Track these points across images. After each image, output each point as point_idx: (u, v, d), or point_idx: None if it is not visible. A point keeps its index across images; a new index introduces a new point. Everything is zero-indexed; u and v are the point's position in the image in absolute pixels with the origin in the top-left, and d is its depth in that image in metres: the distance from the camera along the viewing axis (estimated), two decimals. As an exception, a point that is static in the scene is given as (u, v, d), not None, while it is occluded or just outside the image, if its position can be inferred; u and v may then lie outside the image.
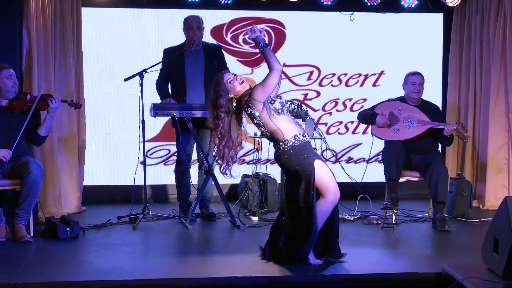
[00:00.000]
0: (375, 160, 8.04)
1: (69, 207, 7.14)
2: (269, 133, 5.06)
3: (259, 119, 5.00)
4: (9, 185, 5.94)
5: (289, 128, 5.01)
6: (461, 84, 7.95)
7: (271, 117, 4.98)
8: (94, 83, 7.65)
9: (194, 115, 6.47)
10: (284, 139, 5.00)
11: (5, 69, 6.00)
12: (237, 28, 7.98)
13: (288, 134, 5.00)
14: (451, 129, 6.51)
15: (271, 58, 4.94)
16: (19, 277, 4.62)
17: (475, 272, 4.41)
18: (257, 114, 4.97)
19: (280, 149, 5.03)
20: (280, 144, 5.03)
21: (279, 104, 5.02)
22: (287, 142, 4.99)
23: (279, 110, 5.01)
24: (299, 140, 5.00)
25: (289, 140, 4.99)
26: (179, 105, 6.56)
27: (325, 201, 5.00)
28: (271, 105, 4.99)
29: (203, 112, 6.47)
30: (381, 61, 8.23)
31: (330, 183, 5.02)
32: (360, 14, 8.06)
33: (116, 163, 7.78)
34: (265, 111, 4.96)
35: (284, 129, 5.00)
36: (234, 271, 4.79)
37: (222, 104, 5.00)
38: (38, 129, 6.13)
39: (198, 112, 6.48)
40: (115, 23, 7.78)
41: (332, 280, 4.71)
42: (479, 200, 7.71)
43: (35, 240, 5.82)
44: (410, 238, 6.10)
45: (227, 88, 5.01)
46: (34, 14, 6.90)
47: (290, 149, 4.99)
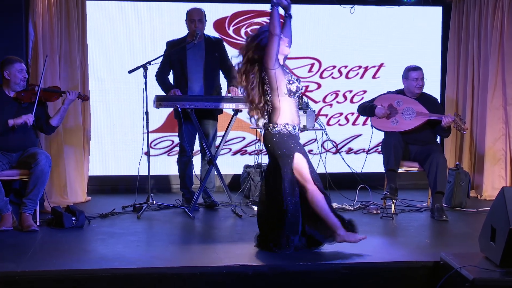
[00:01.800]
0: (374, 151, 8.12)
1: (75, 196, 7.21)
2: (271, 106, 5.08)
3: (269, 85, 5.04)
4: (17, 175, 6.03)
5: (286, 114, 5.05)
6: (459, 76, 8.00)
7: (280, 93, 5.02)
8: (99, 76, 7.71)
9: (197, 107, 6.53)
10: (275, 121, 5.04)
11: (17, 63, 6.08)
12: (239, 21, 8.04)
13: (282, 118, 5.03)
14: (449, 121, 6.58)
15: (273, 20, 4.95)
16: (25, 265, 4.66)
17: (473, 260, 4.43)
18: (266, 80, 5.03)
19: (267, 129, 5.09)
20: (270, 124, 5.08)
21: (295, 87, 5.07)
22: (276, 125, 5.04)
23: (291, 92, 5.05)
24: (287, 130, 5.04)
25: (278, 125, 5.03)
26: (182, 97, 6.62)
27: (309, 191, 5.06)
28: (289, 85, 5.03)
29: (206, 104, 6.55)
30: (381, 54, 8.29)
31: (306, 175, 5.06)
32: (360, 7, 8.10)
33: (121, 154, 7.84)
34: (274, 80, 5.01)
35: (282, 111, 5.04)
36: (236, 260, 4.84)
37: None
38: (50, 119, 6.23)
39: (201, 104, 6.54)
40: (119, 16, 7.83)
41: (331, 268, 4.74)
42: (477, 190, 7.78)
43: (41, 229, 5.87)
44: (409, 227, 6.16)
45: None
46: (40, 7, 6.97)
47: (276, 134, 5.04)
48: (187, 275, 4.62)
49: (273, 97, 5.04)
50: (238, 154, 8.21)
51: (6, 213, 5.85)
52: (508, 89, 7.56)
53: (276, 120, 5.04)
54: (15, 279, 4.44)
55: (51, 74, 7.01)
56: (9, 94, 6.12)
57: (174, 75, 6.92)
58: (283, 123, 5.04)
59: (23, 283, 4.44)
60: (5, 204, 5.85)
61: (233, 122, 6.81)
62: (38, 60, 6.96)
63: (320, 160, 7.08)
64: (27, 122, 5.94)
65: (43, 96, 6.18)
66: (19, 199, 6.01)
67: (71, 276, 4.55)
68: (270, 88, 5.04)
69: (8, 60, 6.09)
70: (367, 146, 7.62)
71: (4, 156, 6.01)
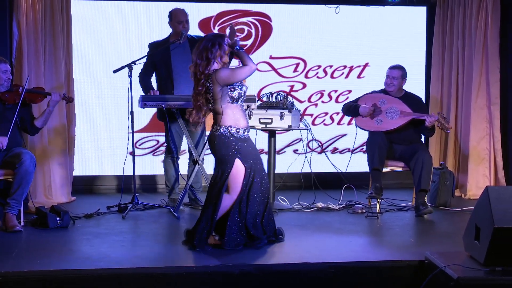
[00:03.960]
0: (359, 150, 8.14)
1: (59, 197, 7.18)
2: (214, 112, 5.28)
3: (212, 96, 5.22)
4: (1, 175, 6.00)
5: (231, 117, 5.23)
6: (443, 76, 8.04)
7: (222, 101, 5.20)
8: (84, 75, 7.67)
9: (182, 106, 6.51)
10: (219, 124, 5.23)
11: (1, 63, 6.05)
12: (225, 21, 8.03)
13: (226, 121, 5.22)
14: (433, 120, 6.62)
15: (247, 58, 5.22)
16: (9, 266, 4.64)
17: (457, 259, 4.46)
18: (211, 91, 5.20)
19: (213, 131, 5.27)
20: (215, 126, 5.26)
21: (237, 94, 5.23)
22: (220, 128, 5.22)
23: (235, 99, 5.23)
24: (231, 133, 5.21)
25: (222, 127, 5.22)
26: (167, 97, 6.61)
27: (230, 197, 5.23)
28: (230, 93, 5.20)
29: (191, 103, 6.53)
30: (366, 54, 8.31)
31: (238, 186, 5.21)
32: (345, 7, 8.13)
33: (106, 154, 7.82)
34: (220, 94, 5.18)
35: (226, 115, 5.23)
36: (222, 260, 4.86)
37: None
38: (35, 120, 6.20)
39: (186, 104, 6.53)
40: (104, 16, 7.80)
41: (317, 268, 4.75)
42: (461, 189, 7.83)
43: (25, 230, 5.85)
44: (394, 226, 6.18)
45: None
46: (24, 6, 6.94)
47: (221, 136, 5.21)
48: (172, 275, 4.63)
49: (215, 105, 5.24)
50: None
51: (-9, 214, 5.83)
52: (492, 89, 7.61)
53: (221, 123, 5.23)
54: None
55: (35, 73, 6.98)
56: None
57: (158, 76, 6.91)
58: (226, 125, 5.21)
59: (7, 284, 4.42)
60: (-9, 204, 5.84)
61: (218, 122, 6.79)
62: (23, 59, 6.93)
63: (305, 159, 7.10)
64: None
65: (27, 97, 6.14)
66: (3, 199, 5.97)
67: (56, 276, 4.54)
68: (212, 98, 5.23)
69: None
70: (352, 145, 7.64)
71: (-8, 156, 5.99)
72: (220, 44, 5.23)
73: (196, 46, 5.30)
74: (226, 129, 5.20)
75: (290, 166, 7.65)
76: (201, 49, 5.22)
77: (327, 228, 6.05)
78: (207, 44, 5.23)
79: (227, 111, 5.22)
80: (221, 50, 5.23)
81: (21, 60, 6.94)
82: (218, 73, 5.18)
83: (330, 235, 5.78)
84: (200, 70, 5.22)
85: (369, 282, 4.78)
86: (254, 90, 7.90)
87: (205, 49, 5.21)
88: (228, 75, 5.17)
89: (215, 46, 5.21)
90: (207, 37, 5.34)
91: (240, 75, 5.19)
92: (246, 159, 5.24)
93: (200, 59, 5.21)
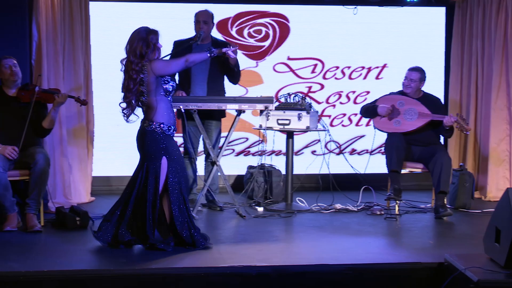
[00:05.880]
0: (378, 151, 8.12)
1: (79, 197, 7.22)
2: (146, 106, 5.26)
3: (146, 88, 5.20)
4: (18, 176, 6.02)
5: (162, 113, 5.24)
6: (462, 77, 8.00)
7: (157, 93, 5.21)
8: (103, 76, 7.69)
9: (200, 107, 6.52)
10: (151, 119, 5.23)
11: (3, 59, 6.09)
12: (242, 22, 8.05)
13: (158, 117, 5.23)
14: (451, 121, 6.57)
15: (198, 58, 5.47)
16: (30, 265, 4.68)
17: (477, 262, 4.42)
18: (145, 81, 5.19)
19: (144, 126, 5.29)
20: (146, 121, 5.28)
21: (171, 87, 5.29)
22: (152, 123, 5.23)
23: (167, 92, 5.27)
24: (162, 129, 5.23)
25: (154, 123, 5.22)
26: (186, 98, 6.63)
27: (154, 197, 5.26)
28: (164, 85, 5.24)
29: (209, 104, 6.55)
30: (384, 54, 8.29)
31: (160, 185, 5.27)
32: (363, 8, 8.13)
33: (124, 154, 7.81)
34: (154, 85, 5.18)
35: (159, 110, 5.23)
36: (239, 260, 4.85)
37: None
38: (42, 121, 6.20)
39: (204, 104, 6.54)
40: (123, 17, 7.83)
41: (335, 269, 4.74)
42: (481, 191, 7.78)
43: (45, 230, 5.89)
44: (413, 228, 6.15)
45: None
46: (43, 8, 6.99)
47: (151, 131, 5.23)
48: (190, 276, 4.64)
49: (149, 97, 5.23)
50: (242, 155, 8.22)
51: (12, 213, 5.86)
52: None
53: (153, 118, 5.23)
54: (19, 279, 4.45)
55: (54, 75, 7.03)
56: (8, 93, 6.12)
57: (179, 76, 6.92)
58: (158, 122, 5.23)
59: (27, 283, 4.45)
60: (11, 204, 5.86)
61: (236, 123, 6.80)
62: (42, 61, 6.97)
63: (324, 161, 7.09)
64: (8, 156, 5.86)
65: (42, 97, 6.17)
66: (23, 199, 6.01)
67: (75, 276, 4.56)
68: (146, 90, 5.22)
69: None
70: (371, 147, 7.62)
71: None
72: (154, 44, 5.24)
73: (130, 41, 5.27)
74: (158, 125, 5.22)
75: (308, 167, 7.63)
76: (135, 47, 5.20)
77: (345, 230, 6.03)
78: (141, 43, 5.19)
79: (161, 105, 5.23)
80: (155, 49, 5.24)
81: (41, 62, 6.99)
82: (154, 63, 5.20)
83: (348, 236, 5.76)
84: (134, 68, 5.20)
85: (388, 284, 4.76)
86: (272, 91, 7.91)
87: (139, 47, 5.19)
88: (163, 65, 5.24)
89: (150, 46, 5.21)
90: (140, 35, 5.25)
91: (175, 67, 5.37)
92: (171, 158, 5.28)
93: (134, 57, 5.19)
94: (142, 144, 5.32)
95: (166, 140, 5.26)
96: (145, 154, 5.31)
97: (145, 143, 5.28)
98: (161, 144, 5.24)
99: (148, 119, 5.26)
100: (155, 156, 5.25)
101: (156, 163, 5.24)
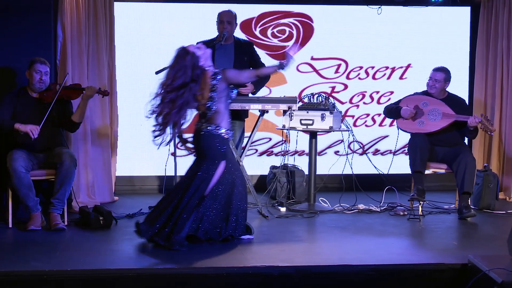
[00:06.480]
0: (401, 152, 8.08)
1: (102, 196, 7.26)
2: (214, 111, 5.41)
3: (217, 94, 5.38)
4: (43, 175, 6.08)
5: (227, 119, 5.51)
6: (487, 77, 7.95)
7: (225, 100, 5.46)
8: (126, 76, 7.76)
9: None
10: (219, 124, 5.45)
11: (36, 63, 6.12)
12: (266, 22, 8.05)
13: (225, 123, 5.48)
14: (476, 122, 6.53)
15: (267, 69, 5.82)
16: (53, 264, 4.71)
17: (501, 263, 4.38)
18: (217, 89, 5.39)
19: (208, 129, 5.43)
20: (212, 125, 5.45)
21: (234, 95, 5.59)
22: (219, 128, 5.46)
23: (231, 99, 5.56)
24: (226, 133, 5.49)
25: (221, 127, 5.46)
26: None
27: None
28: (231, 93, 5.47)
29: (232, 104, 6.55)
30: (408, 54, 8.25)
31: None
32: (387, 7, 8.09)
33: (148, 154, 7.86)
34: (224, 92, 5.43)
35: (225, 116, 5.48)
36: (262, 261, 4.85)
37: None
38: (72, 116, 6.25)
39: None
40: (147, 17, 7.88)
41: (358, 270, 4.73)
42: (506, 192, 7.73)
43: (69, 229, 5.93)
44: (436, 229, 6.12)
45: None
46: (68, 8, 7.03)
47: (218, 136, 5.44)
48: (213, 276, 4.64)
49: (219, 104, 5.43)
50: (265, 155, 8.22)
51: (36, 213, 5.91)
52: (537, 90, 7.52)
53: (221, 123, 5.47)
54: (43, 278, 4.49)
55: (78, 74, 7.07)
56: (32, 95, 6.16)
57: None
58: (225, 128, 5.48)
59: (51, 282, 4.49)
60: (35, 204, 5.91)
61: (259, 123, 6.81)
62: (67, 61, 7.02)
63: (347, 161, 7.08)
64: (30, 134, 5.88)
65: (65, 94, 6.22)
66: (48, 199, 6.06)
67: (98, 275, 4.59)
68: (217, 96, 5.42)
69: (32, 61, 6.15)
70: (394, 147, 7.59)
71: (33, 156, 6.05)
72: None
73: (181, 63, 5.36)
74: (224, 130, 5.46)
75: (331, 167, 7.62)
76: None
77: (368, 230, 6.01)
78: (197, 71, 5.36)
79: (226, 112, 5.47)
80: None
81: (65, 62, 7.03)
82: (227, 71, 5.45)
83: (371, 237, 5.75)
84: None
85: (411, 285, 4.74)
86: (295, 92, 7.91)
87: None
88: (236, 74, 5.52)
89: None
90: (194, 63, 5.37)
91: (244, 78, 5.70)
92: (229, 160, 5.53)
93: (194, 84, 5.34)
94: (206, 146, 5.47)
95: (226, 144, 5.50)
96: (207, 156, 5.45)
97: (211, 146, 5.44)
98: (222, 149, 5.45)
99: (214, 124, 5.43)
100: (217, 159, 5.43)
101: (216, 165, 5.41)
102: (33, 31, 6.87)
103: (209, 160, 5.45)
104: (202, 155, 5.50)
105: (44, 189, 6.36)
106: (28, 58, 6.22)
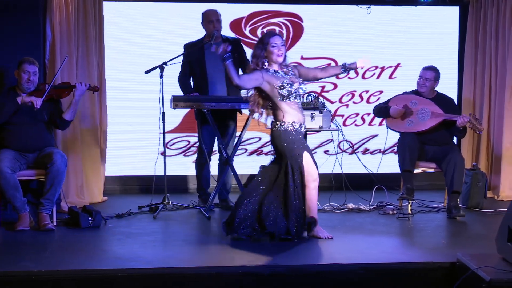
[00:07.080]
0: (390, 151, 8.09)
1: (91, 197, 7.25)
2: (273, 109, 5.58)
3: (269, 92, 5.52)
4: (33, 175, 6.07)
5: (290, 113, 5.49)
6: (476, 76, 7.97)
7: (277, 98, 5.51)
8: (116, 76, 7.72)
9: (213, 107, 6.54)
10: (282, 120, 5.48)
11: (24, 63, 6.08)
12: (256, 22, 8.06)
13: (288, 117, 5.48)
14: (464, 121, 6.55)
15: (229, 74, 5.45)
16: (42, 265, 4.68)
17: (490, 261, 4.41)
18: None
19: (275, 127, 5.52)
20: (277, 123, 5.50)
21: (286, 92, 5.48)
22: (284, 123, 5.49)
23: (285, 97, 5.48)
24: (295, 128, 5.50)
25: (286, 123, 5.48)
26: (199, 97, 6.64)
27: (310, 188, 5.48)
28: (280, 90, 5.46)
29: (222, 104, 6.57)
30: (398, 54, 8.27)
31: (313, 173, 5.50)
32: (376, 7, 8.11)
33: (137, 154, 7.86)
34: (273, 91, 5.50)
35: (285, 111, 5.49)
36: (252, 260, 4.86)
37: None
38: (63, 113, 6.22)
39: (217, 104, 6.55)
40: (136, 17, 7.87)
41: (348, 269, 4.74)
42: (494, 191, 7.76)
43: (58, 229, 5.91)
44: (425, 228, 6.14)
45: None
46: (57, 8, 7.01)
47: (284, 131, 5.48)
48: (203, 275, 4.63)
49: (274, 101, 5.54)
50: (254, 155, 8.22)
51: (24, 213, 5.90)
52: (526, 89, 7.54)
53: (283, 119, 5.52)
54: (32, 278, 4.47)
55: (68, 75, 7.05)
56: (21, 96, 6.12)
57: (194, 77, 6.94)
58: (290, 121, 5.52)
59: (40, 283, 4.47)
60: (22, 204, 5.89)
61: (249, 123, 6.81)
62: (56, 61, 7.00)
63: (336, 160, 7.09)
64: (34, 103, 5.88)
65: (54, 93, 6.20)
66: (37, 199, 6.04)
67: (88, 276, 4.58)
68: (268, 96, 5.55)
69: (20, 61, 6.11)
70: (383, 146, 7.60)
71: (21, 156, 6.03)
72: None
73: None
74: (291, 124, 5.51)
75: (321, 166, 7.58)
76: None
77: (358, 229, 6.03)
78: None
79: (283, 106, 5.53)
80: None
81: (54, 62, 7.01)
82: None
83: (361, 236, 5.76)
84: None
85: (400, 284, 4.74)
86: (285, 91, 7.90)
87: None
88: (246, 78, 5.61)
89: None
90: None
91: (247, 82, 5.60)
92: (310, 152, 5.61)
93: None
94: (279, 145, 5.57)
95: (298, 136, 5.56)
96: (285, 154, 5.52)
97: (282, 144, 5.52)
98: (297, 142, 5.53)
99: (277, 121, 5.54)
100: (297, 155, 5.48)
101: (300, 160, 5.47)
102: (22, 31, 6.85)
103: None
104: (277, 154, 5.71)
105: (33, 189, 6.34)
106: (17, 58, 6.19)
